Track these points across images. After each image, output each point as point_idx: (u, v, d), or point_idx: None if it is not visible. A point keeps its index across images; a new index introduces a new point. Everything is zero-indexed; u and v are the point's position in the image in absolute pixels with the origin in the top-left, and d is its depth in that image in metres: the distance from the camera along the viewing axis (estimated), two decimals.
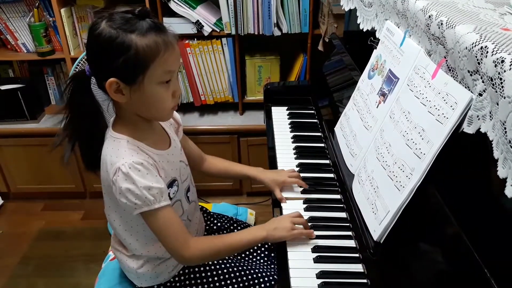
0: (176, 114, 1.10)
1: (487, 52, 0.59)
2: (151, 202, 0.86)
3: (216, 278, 1.05)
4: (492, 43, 0.59)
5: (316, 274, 0.89)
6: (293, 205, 1.10)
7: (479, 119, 0.65)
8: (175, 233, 0.91)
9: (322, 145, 1.34)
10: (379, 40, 1.07)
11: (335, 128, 1.22)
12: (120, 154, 0.87)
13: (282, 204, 1.11)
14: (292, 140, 1.37)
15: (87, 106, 0.91)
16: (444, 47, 0.75)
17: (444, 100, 0.73)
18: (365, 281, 0.87)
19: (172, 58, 0.85)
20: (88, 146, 0.96)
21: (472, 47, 0.62)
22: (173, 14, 1.89)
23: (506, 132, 0.55)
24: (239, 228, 1.24)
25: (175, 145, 1.03)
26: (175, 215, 0.92)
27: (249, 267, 1.10)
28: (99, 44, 0.82)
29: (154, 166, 0.89)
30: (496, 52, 0.58)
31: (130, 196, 0.85)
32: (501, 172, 0.56)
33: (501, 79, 0.56)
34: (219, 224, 1.24)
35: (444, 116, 0.72)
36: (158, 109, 0.90)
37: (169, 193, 0.94)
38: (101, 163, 0.91)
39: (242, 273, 1.07)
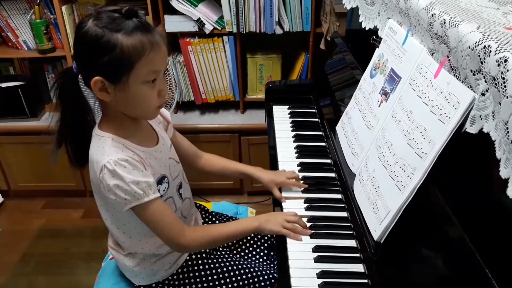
0: (165, 112, 1.10)
1: (490, 51, 0.59)
2: (141, 196, 0.87)
3: (215, 277, 1.05)
4: (495, 42, 0.59)
5: (316, 274, 0.89)
6: (294, 205, 1.10)
7: (481, 119, 0.64)
8: (169, 223, 0.92)
9: (324, 144, 1.33)
10: (381, 38, 1.07)
11: (336, 127, 1.21)
12: (105, 152, 0.87)
13: (283, 204, 1.10)
14: (293, 139, 1.37)
15: (75, 103, 0.91)
16: (446, 46, 0.74)
17: (447, 99, 0.73)
18: (365, 281, 0.87)
19: (158, 58, 0.85)
20: (76, 142, 0.96)
21: (475, 46, 0.62)
22: (175, 11, 1.89)
23: (508, 132, 0.55)
24: None
25: (163, 142, 1.03)
26: (166, 207, 0.93)
27: (248, 265, 1.10)
28: (85, 42, 0.82)
29: (140, 163, 0.90)
30: (499, 52, 0.57)
31: (119, 192, 0.85)
32: (503, 172, 0.56)
33: (504, 78, 0.55)
34: (217, 222, 1.23)
35: (446, 116, 0.72)
36: (143, 108, 0.90)
37: (158, 190, 0.94)
38: (89, 162, 0.92)
39: (242, 271, 1.07)
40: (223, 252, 1.11)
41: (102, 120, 0.94)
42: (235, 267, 1.07)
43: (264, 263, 1.16)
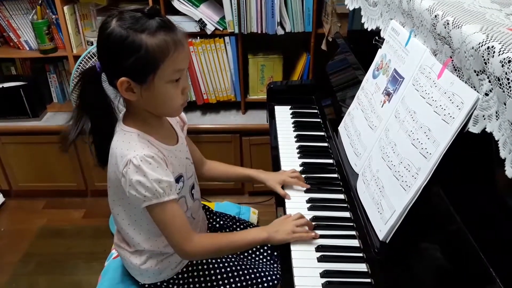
0: (182, 113, 1.10)
1: (494, 52, 0.59)
2: (160, 195, 0.87)
3: (219, 277, 1.05)
4: (499, 43, 0.59)
5: (320, 273, 0.89)
6: (297, 205, 1.10)
7: (485, 118, 0.65)
8: (179, 227, 0.92)
9: (326, 144, 1.34)
10: (383, 39, 1.07)
11: (339, 128, 1.22)
12: (131, 146, 0.88)
13: (286, 203, 1.11)
14: (296, 139, 1.37)
15: (99, 101, 0.92)
16: (450, 47, 0.75)
17: (450, 100, 0.73)
18: (369, 280, 0.88)
19: (181, 56, 0.86)
20: (100, 141, 0.96)
21: (479, 47, 0.62)
22: (176, 12, 1.89)
23: None
24: (241, 227, 1.24)
25: (182, 142, 1.04)
26: (180, 210, 0.93)
27: (252, 265, 1.10)
28: (109, 44, 0.83)
29: (163, 160, 0.90)
30: (503, 52, 0.58)
31: (140, 188, 0.85)
32: (509, 172, 0.56)
33: (508, 79, 0.56)
34: (221, 222, 1.24)
35: (450, 116, 0.72)
36: (168, 106, 0.91)
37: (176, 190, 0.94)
38: (109, 156, 0.92)
39: (246, 271, 1.07)
40: None
41: (126, 117, 0.94)
42: (239, 268, 1.07)
43: (268, 263, 1.16)
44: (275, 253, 1.18)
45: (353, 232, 0.99)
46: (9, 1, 2.00)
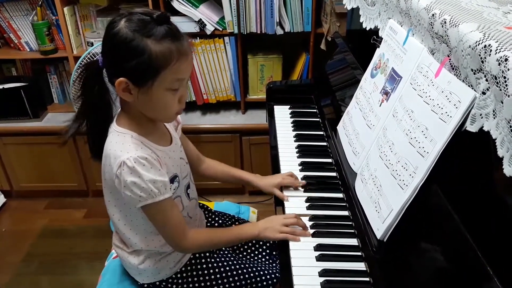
0: None
1: (491, 50, 0.59)
2: (156, 195, 0.88)
3: (218, 276, 1.06)
4: (496, 42, 0.59)
5: (318, 272, 0.90)
6: (296, 204, 1.10)
7: (482, 117, 0.65)
8: (175, 224, 0.94)
9: (325, 143, 1.34)
10: (382, 39, 1.07)
11: (337, 127, 1.22)
12: (125, 148, 0.88)
13: (285, 203, 1.11)
14: (295, 139, 1.37)
15: (99, 94, 0.92)
16: (447, 46, 0.75)
17: (448, 98, 0.73)
18: (367, 279, 0.88)
19: (183, 66, 0.86)
20: (96, 134, 0.97)
21: (476, 45, 0.62)
22: (176, 12, 1.90)
23: (511, 130, 0.55)
24: None
25: (176, 142, 1.04)
26: (175, 207, 0.95)
27: (251, 265, 1.11)
28: (114, 43, 0.83)
29: (157, 161, 0.91)
30: (500, 51, 0.58)
31: (135, 189, 0.86)
32: (507, 170, 0.56)
33: (505, 77, 0.56)
34: (220, 221, 1.24)
35: (448, 115, 0.72)
36: (163, 113, 0.92)
37: (170, 189, 0.95)
38: (103, 157, 0.92)
39: (245, 270, 1.07)
40: (226, 252, 1.12)
41: (120, 116, 0.95)
42: (238, 267, 1.08)
43: (267, 262, 1.17)
44: (274, 252, 1.19)
45: (352, 231, 0.99)
46: (9, 2, 2.01)
